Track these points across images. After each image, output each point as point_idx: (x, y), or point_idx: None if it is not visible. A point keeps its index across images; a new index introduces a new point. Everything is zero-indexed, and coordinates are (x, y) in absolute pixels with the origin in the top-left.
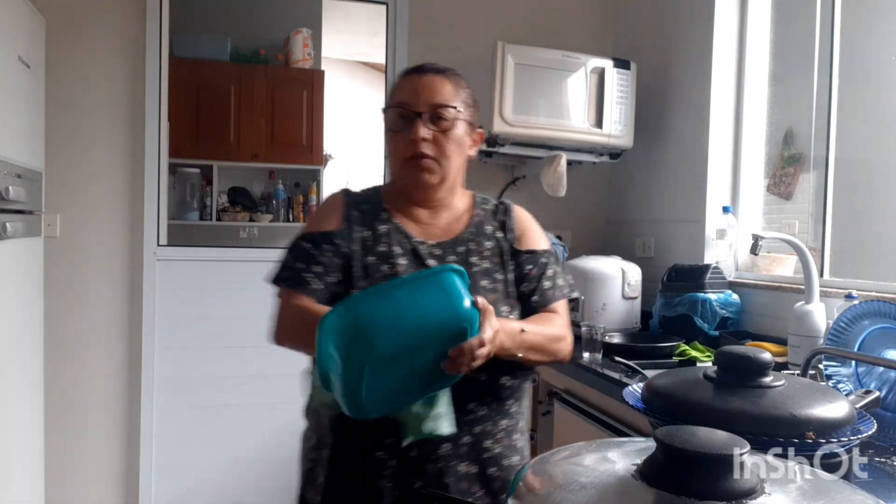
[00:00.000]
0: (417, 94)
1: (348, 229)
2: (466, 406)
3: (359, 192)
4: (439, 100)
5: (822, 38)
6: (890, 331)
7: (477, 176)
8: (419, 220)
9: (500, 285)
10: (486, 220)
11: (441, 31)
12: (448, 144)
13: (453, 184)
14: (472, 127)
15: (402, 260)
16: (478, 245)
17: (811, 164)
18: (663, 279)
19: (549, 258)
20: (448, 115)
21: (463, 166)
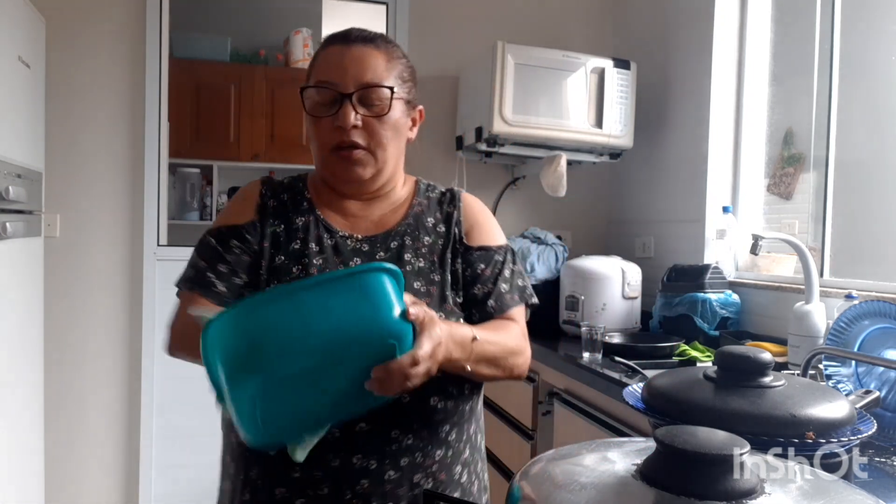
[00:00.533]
0: (344, 71)
1: (260, 223)
2: (389, 434)
3: (281, 181)
4: (371, 78)
5: (822, 38)
6: (890, 331)
7: (477, 176)
8: (347, 211)
9: (434, 288)
10: (429, 210)
11: (441, 31)
12: (383, 131)
13: (391, 174)
14: (411, 106)
15: (317, 259)
16: (414, 240)
17: (811, 164)
18: (663, 279)
19: (506, 255)
20: (382, 96)
21: (401, 151)
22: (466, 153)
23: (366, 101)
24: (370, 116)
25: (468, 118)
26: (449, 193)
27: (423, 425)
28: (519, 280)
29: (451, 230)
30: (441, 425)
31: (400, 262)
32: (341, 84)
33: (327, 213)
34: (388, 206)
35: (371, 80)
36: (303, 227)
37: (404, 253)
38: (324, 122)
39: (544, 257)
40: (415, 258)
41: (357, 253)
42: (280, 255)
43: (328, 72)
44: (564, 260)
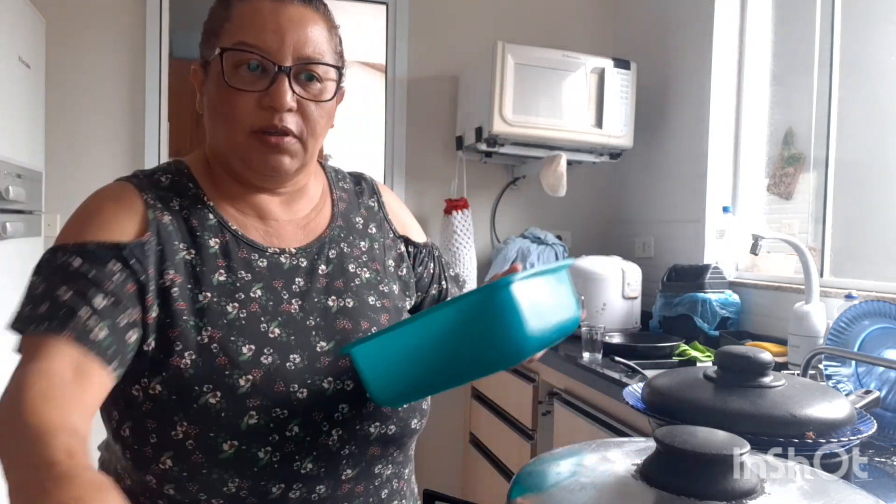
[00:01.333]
0: (280, 35)
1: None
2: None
3: (156, 180)
4: (313, 51)
5: (822, 38)
6: (890, 331)
7: (477, 176)
8: (265, 215)
9: (388, 301)
10: (351, 206)
11: (441, 31)
12: (319, 118)
13: (311, 163)
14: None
15: (255, 290)
16: (351, 246)
17: (811, 164)
18: (663, 279)
19: (436, 250)
20: (325, 74)
21: None
22: (466, 153)
23: (303, 79)
24: (308, 99)
25: (468, 118)
26: (363, 183)
27: None
28: (452, 271)
29: (382, 230)
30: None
31: (346, 275)
32: (276, 53)
33: (241, 223)
34: (310, 204)
35: (314, 55)
36: (221, 251)
37: (346, 263)
38: (247, 98)
39: (544, 257)
40: (358, 268)
41: (296, 272)
42: (205, 292)
43: (257, 33)
44: (564, 257)
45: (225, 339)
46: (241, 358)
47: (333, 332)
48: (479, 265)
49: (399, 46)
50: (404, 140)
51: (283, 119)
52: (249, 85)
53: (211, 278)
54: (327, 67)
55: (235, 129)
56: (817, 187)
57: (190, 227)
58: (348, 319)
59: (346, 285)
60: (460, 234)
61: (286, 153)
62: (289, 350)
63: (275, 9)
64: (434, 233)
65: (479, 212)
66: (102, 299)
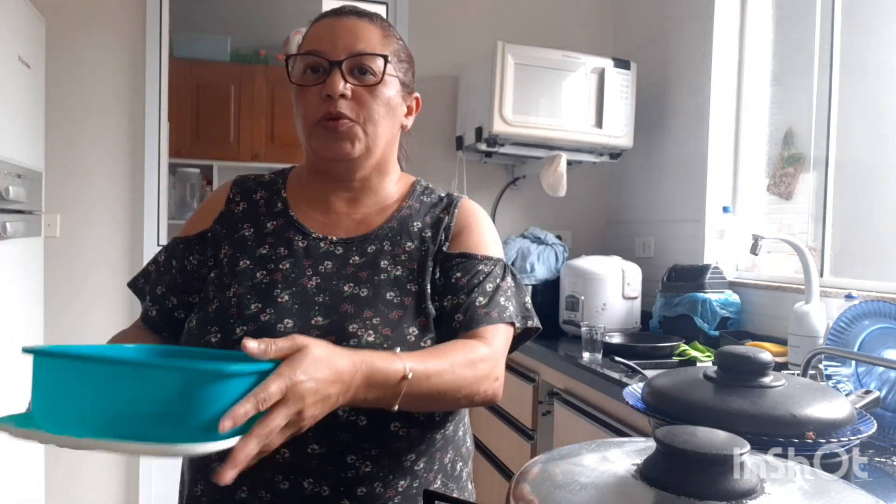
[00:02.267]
0: (335, 40)
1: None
2: (345, 459)
3: (258, 178)
4: (363, 47)
5: (822, 38)
6: (890, 331)
7: (477, 176)
8: (329, 209)
9: (409, 299)
10: (418, 214)
11: (441, 31)
12: (374, 105)
13: (383, 161)
14: (408, 90)
15: (284, 263)
16: (395, 245)
17: (811, 164)
18: (663, 279)
19: (493, 268)
20: (375, 66)
21: (396, 139)
22: (466, 153)
23: (357, 71)
24: (361, 87)
25: (468, 118)
26: (447, 198)
27: (383, 452)
28: (502, 298)
29: (437, 236)
30: (405, 453)
31: (375, 269)
32: (331, 52)
33: (304, 212)
34: (376, 205)
35: (363, 49)
36: (273, 231)
37: (381, 259)
38: (310, 92)
39: (544, 257)
40: (392, 265)
41: (329, 256)
42: (245, 259)
43: (317, 42)
44: (564, 260)
45: (243, 295)
46: (247, 312)
47: (334, 311)
48: None
49: None
50: None
51: (338, 105)
52: (312, 82)
53: (256, 251)
54: (383, 64)
55: (305, 122)
56: (817, 187)
57: (259, 212)
58: (354, 305)
59: (370, 277)
60: None
61: (345, 137)
62: (286, 315)
63: (334, 22)
64: None
65: None
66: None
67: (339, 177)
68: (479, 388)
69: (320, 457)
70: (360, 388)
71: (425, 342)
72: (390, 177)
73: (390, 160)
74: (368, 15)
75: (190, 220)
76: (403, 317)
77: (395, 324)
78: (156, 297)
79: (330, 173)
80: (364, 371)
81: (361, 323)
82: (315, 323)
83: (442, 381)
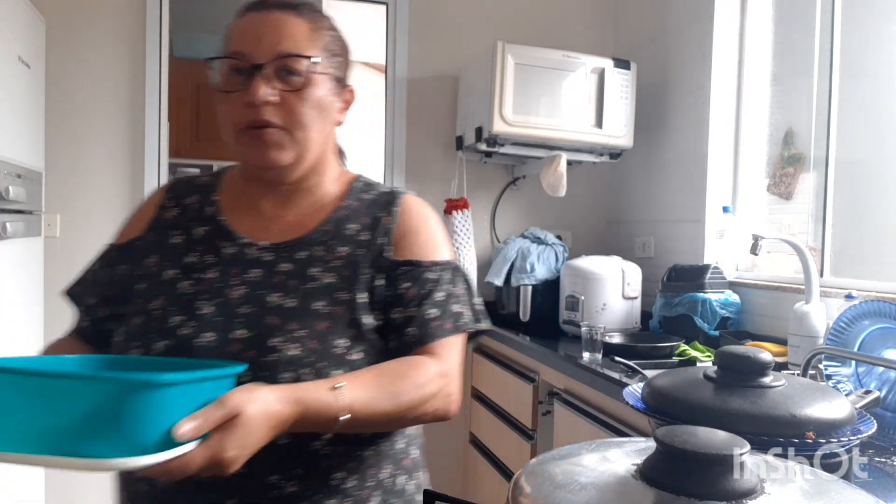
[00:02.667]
0: (258, 39)
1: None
2: (267, 478)
3: (195, 179)
4: (288, 47)
5: (822, 38)
6: (890, 331)
7: (477, 176)
8: (260, 212)
9: (340, 309)
10: (356, 214)
11: (441, 31)
12: (303, 108)
13: (317, 162)
14: (341, 84)
15: (212, 272)
16: (327, 250)
17: (811, 164)
18: (663, 279)
19: (443, 274)
20: (300, 67)
21: (329, 136)
22: (466, 153)
23: (283, 73)
24: (288, 91)
25: (468, 118)
26: (388, 196)
27: (309, 472)
28: (455, 305)
29: (375, 239)
30: (332, 472)
31: (304, 278)
32: (253, 54)
33: (235, 216)
34: (310, 206)
35: (289, 50)
36: (202, 238)
37: (312, 266)
38: (233, 99)
39: (544, 257)
40: (323, 272)
41: (257, 264)
42: (173, 269)
43: (241, 41)
44: (564, 260)
45: (165, 307)
46: (168, 325)
47: (258, 323)
48: (479, 265)
49: (399, 46)
50: (404, 140)
51: (261, 112)
52: (235, 87)
53: (183, 259)
54: (311, 64)
55: (229, 130)
56: (817, 187)
57: (190, 217)
58: (279, 317)
59: (299, 286)
60: (460, 234)
61: (273, 146)
62: (208, 328)
63: (258, 18)
64: None
65: (479, 212)
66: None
67: (270, 181)
68: (427, 408)
69: (242, 476)
70: (294, 427)
71: (356, 355)
72: (327, 175)
73: (326, 159)
74: (295, 6)
75: (123, 226)
76: (332, 328)
77: (323, 336)
78: (88, 308)
79: (258, 178)
80: (299, 413)
81: (285, 336)
82: (236, 336)
83: (386, 410)
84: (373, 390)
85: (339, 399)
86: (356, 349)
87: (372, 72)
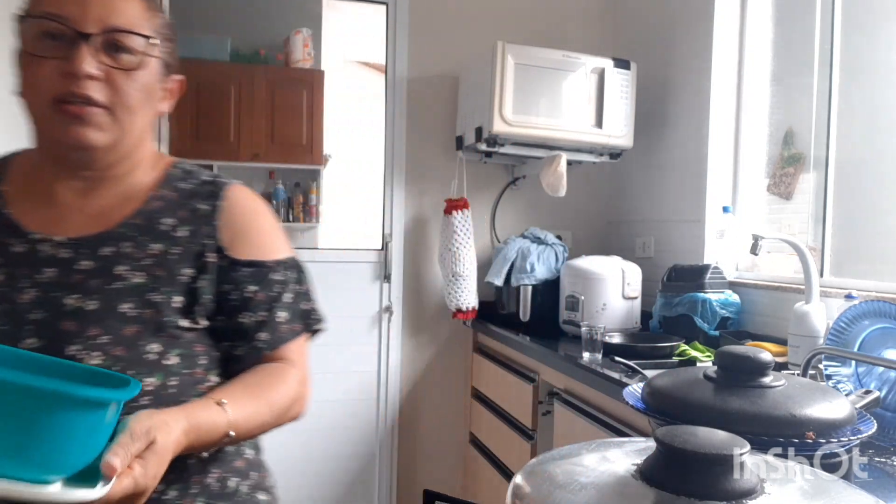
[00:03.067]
0: (84, 5)
1: None
2: None
3: None
4: (123, 22)
5: (822, 38)
6: (890, 331)
7: (477, 176)
8: (56, 202)
9: (150, 312)
10: (172, 207)
11: (441, 31)
12: (131, 90)
13: (131, 149)
14: (170, 71)
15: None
16: (137, 247)
17: (811, 164)
18: (663, 279)
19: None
20: (136, 45)
21: (149, 125)
22: (466, 153)
23: (111, 49)
24: (116, 68)
25: (468, 118)
26: (210, 185)
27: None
28: (304, 303)
29: (197, 235)
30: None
31: (108, 277)
32: (79, 20)
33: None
34: (117, 196)
35: (124, 25)
36: None
37: (117, 265)
38: (46, 65)
39: (544, 257)
40: (131, 271)
41: (51, 262)
42: None
43: (59, 3)
44: (564, 260)
45: None
46: None
47: (52, 330)
48: (479, 265)
49: (399, 46)
50: (404, 140)
51: (83, 86)
52: (50, 53)
53: None
54: (144, 43)
55: (38, 99)
56: (817, 187)
57: None
58: (77, 322)
59: (102, 287)
60: (460, 234)
61: (90, 125)
62: None
63: None
64: (434, 233)
65: (479, 212)
66: None
67: (73, 165)
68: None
69: None
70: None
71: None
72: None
73: (142, 148)
74: None
75: None
76: (142, 333)
77: (131, 341)
78: None
79: (62, 161)
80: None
81: (84, 343)
82: (26, 345)
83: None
84: (251, 403)
85: (227, 416)
86: (172, 353)
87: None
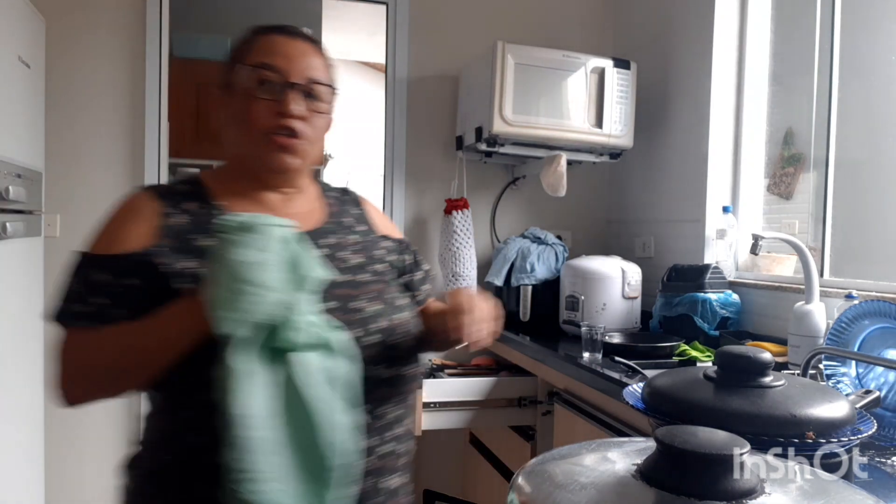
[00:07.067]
0: (289, 60)
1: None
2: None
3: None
4: (318, 75)
5: (822, 38)
6: (890, 331)
7: (477, 176)
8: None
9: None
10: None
11: (441, 31)
12: (318, 129)
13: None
14: None
15: None
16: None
17: (811, 164)
18: (663, 279)
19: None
20: (325, 95)
21: None
22: (466, 153)
23: (310, 97)
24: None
25: (468, 118)
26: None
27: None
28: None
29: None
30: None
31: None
32: (290, 72)
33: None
34: (307, 204)
35: (319, 78)
36: None
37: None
38: (262, 104)
39: (544, 257)
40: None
41: None
42: None
43: (272, 57)
44: (564, 260)
45: None
46: None
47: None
48: (479, 265)
49: (399, 46)
50: (404, 140)
51: (292, 123)
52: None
53: None
54: (326, 92)
55: (253, 130)
56: (817, 187)
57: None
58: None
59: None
60: (460, 233)
61: (293, 152)
62: None
63: (287, 41)
64: (434, 233)
65: (479, 212)
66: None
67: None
68: None
69: None
70: None
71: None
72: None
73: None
74: (314, 41)
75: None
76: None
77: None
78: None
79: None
80: None
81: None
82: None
83: None
84: None
85: None
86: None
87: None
